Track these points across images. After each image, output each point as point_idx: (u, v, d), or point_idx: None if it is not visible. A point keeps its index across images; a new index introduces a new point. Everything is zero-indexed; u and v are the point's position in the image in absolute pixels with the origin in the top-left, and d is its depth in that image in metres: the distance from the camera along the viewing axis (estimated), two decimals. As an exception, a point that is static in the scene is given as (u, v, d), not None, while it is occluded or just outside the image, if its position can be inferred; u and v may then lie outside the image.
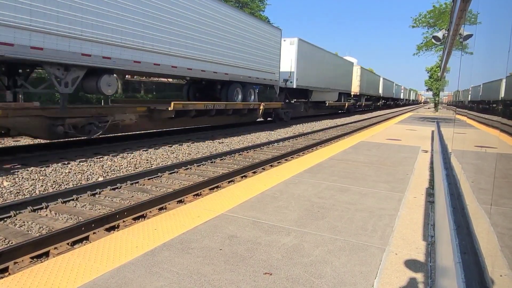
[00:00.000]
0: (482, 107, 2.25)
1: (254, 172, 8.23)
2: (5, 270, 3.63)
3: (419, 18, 23.50)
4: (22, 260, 3.78)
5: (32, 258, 3.87)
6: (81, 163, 8.31)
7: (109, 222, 4.85)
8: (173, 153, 10.38)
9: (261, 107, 17.87)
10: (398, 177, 6.19)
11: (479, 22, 2.63)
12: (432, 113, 37.37)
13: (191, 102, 14.11)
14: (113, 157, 9.23)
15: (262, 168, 8.69)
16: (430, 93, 59.13)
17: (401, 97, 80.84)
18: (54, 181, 6.85)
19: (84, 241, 4.41)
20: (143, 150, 10.35)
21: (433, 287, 2.67)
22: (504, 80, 1.46)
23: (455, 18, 4.72)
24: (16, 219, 4.98)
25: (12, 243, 4.21)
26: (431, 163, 7.74)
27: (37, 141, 11.60)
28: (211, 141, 13.09)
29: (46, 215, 5.26)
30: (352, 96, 36.75)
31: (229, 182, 7.33)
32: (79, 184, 6.80)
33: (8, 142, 11.50)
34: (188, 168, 8.44)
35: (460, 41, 4.52)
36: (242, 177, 7.79)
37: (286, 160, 9.80)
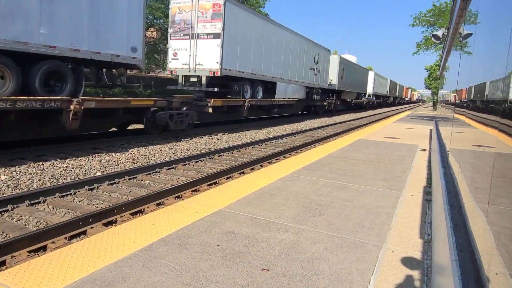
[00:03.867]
0: (480, 106, 2.26)
1: (252, 169, 8.23)
2: (3, 263, 3.63)
3: (419, 16, 23.46)
4: (20, 254, 3.78)
5: (29, 252, 3.86)
6: (79, 158, 8.29)
7: (107, 217, 4.84)
8: (171, 148, 10.38)
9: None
10: (396, 175, 6.21)
11: (478, 21, 2.63)
12: (431, 112, 37.42)
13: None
14: (111, 152, 9.22)
15: (260, 165, 8.70)
16: (429, 91, 58.60)
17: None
18: (51, 176, 6.84)
19: (82, 236, 4.41)
20: (141, 146, 10.33)
21: (429, 285, 2.69)
22: (503, 80, 1.47)
23: (455, 17, 4.72)
24: (14, 213, 4.98)
25: (9, 236, 4.20)
26: (429, 161, 7.77)
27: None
28: (210, 137, 13.09)
29: (44, 209, 5.25)
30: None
31: (227, 178, 7.33)
32: (77, 179, 6.79)
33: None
34: (186, 164, 8.43)
35: (459, 40, 4.53)
36: (240, 173, 7.79)
37: (284, 157, 9.80)
